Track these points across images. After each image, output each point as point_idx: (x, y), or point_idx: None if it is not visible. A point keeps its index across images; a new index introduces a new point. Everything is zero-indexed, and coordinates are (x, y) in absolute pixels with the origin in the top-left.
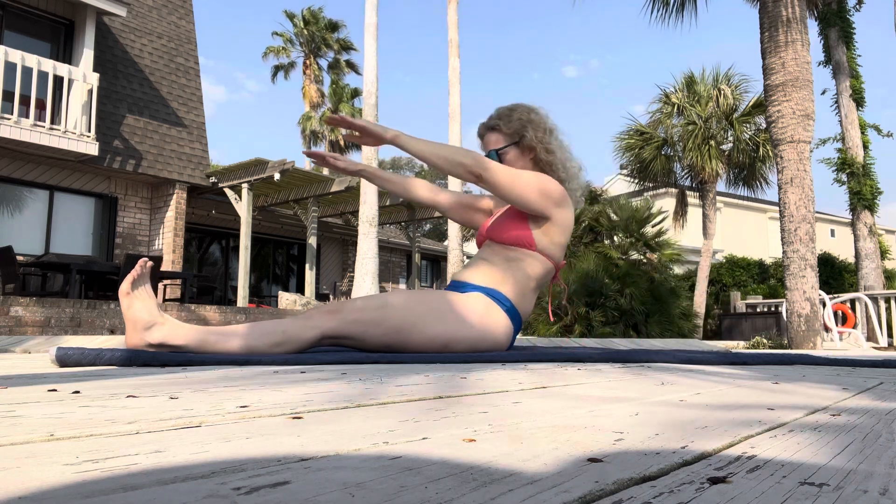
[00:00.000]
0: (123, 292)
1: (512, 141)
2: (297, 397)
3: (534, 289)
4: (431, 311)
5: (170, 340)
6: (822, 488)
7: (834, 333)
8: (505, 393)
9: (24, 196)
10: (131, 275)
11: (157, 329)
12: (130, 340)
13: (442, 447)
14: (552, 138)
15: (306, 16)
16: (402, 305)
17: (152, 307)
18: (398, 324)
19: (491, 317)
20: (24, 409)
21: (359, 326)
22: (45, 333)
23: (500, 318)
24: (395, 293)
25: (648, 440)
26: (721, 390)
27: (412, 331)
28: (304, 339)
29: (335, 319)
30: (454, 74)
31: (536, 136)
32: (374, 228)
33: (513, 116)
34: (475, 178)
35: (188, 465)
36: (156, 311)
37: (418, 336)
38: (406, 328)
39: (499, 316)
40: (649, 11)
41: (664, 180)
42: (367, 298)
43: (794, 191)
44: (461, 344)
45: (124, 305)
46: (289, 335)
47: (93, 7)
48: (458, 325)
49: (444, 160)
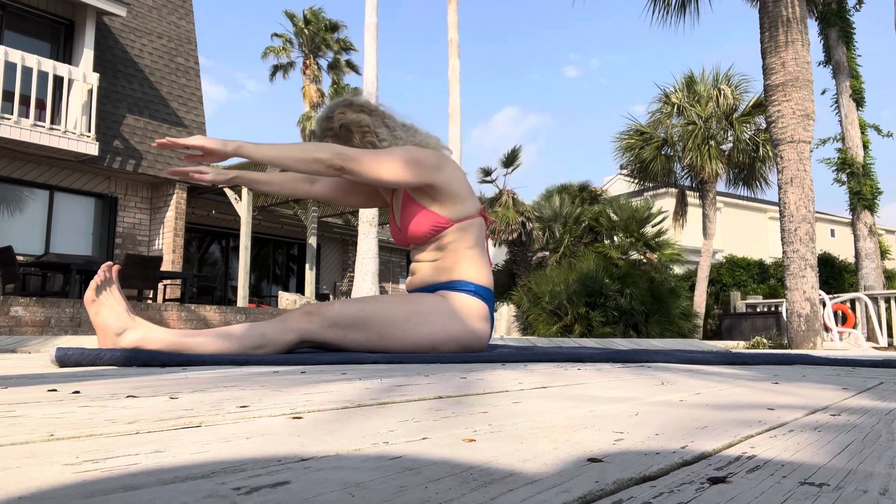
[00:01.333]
0: (89, 300)
1: (342, 136)
2: (297, 397)
3: (479, 253)
4: (412, 314)
5: (143, 345)
6: (822, 488)
7: (834, 333)
8: (505, 393)
9: (24, 196)
10: (94, 281)
11: (130, 333)
12: (103, 347)
13: (442, 447)
14: (373, 122)
15: (307, 16)
16: (380, 310)
17: (121, 312)
18: (379, 328)
19: (465, 306)
20: (24, 409)
21: (338, 330)
22: (45, 333)
23: (473, 304)
24: (373, 298)
25: (648, 440)
26: (721, 390)
27: (393, 335)
28: (283, 342)
29: (313, 322)
30: (454, 74)
31: (362, 129)
32: (375, 228)
33: (335, 123)
34: (336, 170)
35: (188, 465)
36: (125, 315)
37: (401, 340)
38: (387, 333)
39: (470, 302)
40: (650, 12)
41: (664, 180)
42: (346, 303)
43: (794, 191)
44: (450, 343)
45: (91, 313)
46: (267, 338)
47: (93, 7)
48: (442, 324)
49: (297, 161)
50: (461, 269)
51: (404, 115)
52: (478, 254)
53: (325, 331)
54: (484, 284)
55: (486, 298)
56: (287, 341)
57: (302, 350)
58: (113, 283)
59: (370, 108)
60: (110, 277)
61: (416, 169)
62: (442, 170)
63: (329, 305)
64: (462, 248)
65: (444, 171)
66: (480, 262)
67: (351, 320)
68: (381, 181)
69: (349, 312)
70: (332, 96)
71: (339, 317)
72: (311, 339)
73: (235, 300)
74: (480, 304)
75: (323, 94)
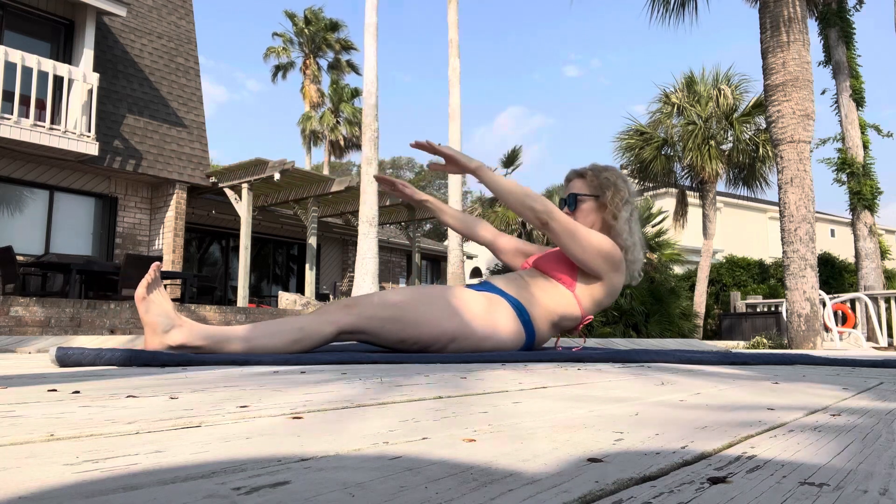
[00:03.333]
0: (140, 297)
1: (593, 193)
2: (297, 397)
3: (554, 323)
4: (447, 307)
5: (189, 342)
6: (822, 488)
7: (834, 333)
8: (505, 393)
9: (24, 196)
10: (146, 279)
11: (177, 332)
12: (150, 344)
13: (442, 447)
14: (625, 208)
15: (307, 16)
16: (419, 301)
17: (169, 310)
18: (415, 318)
19: (506, 320)
20: (24, 409)
21: (376, 322)
22: (45, 333)
23: (514, 326)
24: (410, 290)
25: (648, 440)
26: (721, 390)
27: (428, 325)
28: (322, 334)
29: (352, 315)
30: (454, 74)
31: (613, 200)
32: (374, 228)
33: (601, 174)
34: (541, 223)
35: (188, 465)
36: (173, 313)
37: (432, 329)
38: (423, 322)
39: (513, 324)
40: (649, 11)
41: (664, 180)
42: (384, 294)
43: (794, 191)
44: (469, 340)
45: (142, 310)
46: (306, 332)
47: (93, 7)
48: (471, 320)
49: (516, 200)
50: (533, 306)
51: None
52: (552, 319)
53: (365, 322)
54: (536, 329)
55: (528, 335)
56: (325, 334)
57: (320, 350)
58: (160, 282)
59: (631, 193)
60: (158, 277)
61: (600, 260)
62: (615, 272)
63: (368, 297)
64: (551, 302)
65: (615, 276)
66: (547, 322)
67: (389, 313)
68: (568, 251)
69: (388, 304)
70: (331, 96)
71: (379, 310)
72: (349, 331)
73: (235, 300)
74: (520, 333)
75: (323, 94)
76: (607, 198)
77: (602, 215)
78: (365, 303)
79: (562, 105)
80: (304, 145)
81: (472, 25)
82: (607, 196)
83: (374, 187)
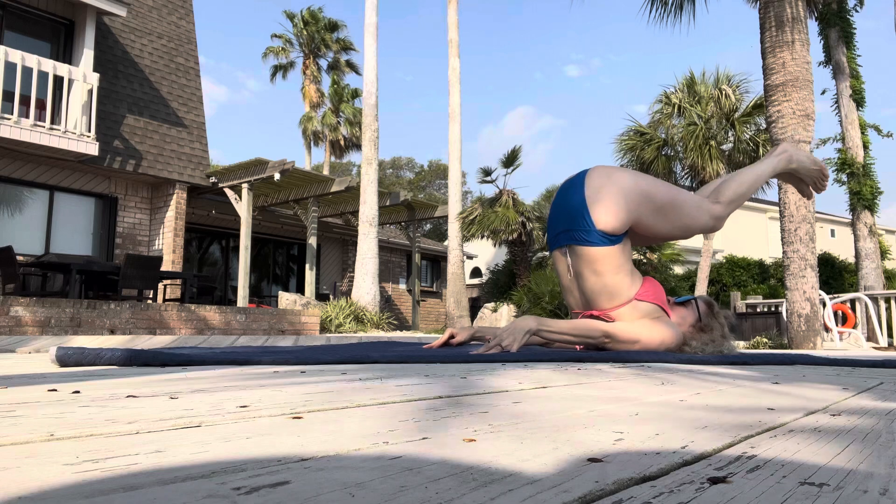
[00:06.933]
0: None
1: (697, 320)
2: (297, 397)
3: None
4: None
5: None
6: (822, 488)
7: (834, 333)
8: (505, 393)
9: (24, 196)
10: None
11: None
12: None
13: (442, 447)
14: (715, 327)
15: (306, 16)
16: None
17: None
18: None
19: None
20: (24, 409)
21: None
22: (45, 333)
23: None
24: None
25: (648, 440)
26: (721, 390)
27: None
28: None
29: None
30: (454, 74)
31: (703, 324)
32: (374, 228)
33: (712, 313)
34: (606, 339)
35: (188, 465)
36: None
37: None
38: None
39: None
40: (648, 11)
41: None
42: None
43: (794, 191)
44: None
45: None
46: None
47: (93, 7)
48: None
49: (580, 337)
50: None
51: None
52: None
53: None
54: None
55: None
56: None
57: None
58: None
59: (725, 336)
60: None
61: (652, 341)
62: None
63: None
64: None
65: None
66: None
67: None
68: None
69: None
70: (331, 96)
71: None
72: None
73: (235, 300)
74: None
75: (323, 94)
76: (713, 330)
77: (709, 340)
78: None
79: (562, 105)
80: (304, 145)
81: (473, 25)
82: (707, 331)
83: (374, 187)
